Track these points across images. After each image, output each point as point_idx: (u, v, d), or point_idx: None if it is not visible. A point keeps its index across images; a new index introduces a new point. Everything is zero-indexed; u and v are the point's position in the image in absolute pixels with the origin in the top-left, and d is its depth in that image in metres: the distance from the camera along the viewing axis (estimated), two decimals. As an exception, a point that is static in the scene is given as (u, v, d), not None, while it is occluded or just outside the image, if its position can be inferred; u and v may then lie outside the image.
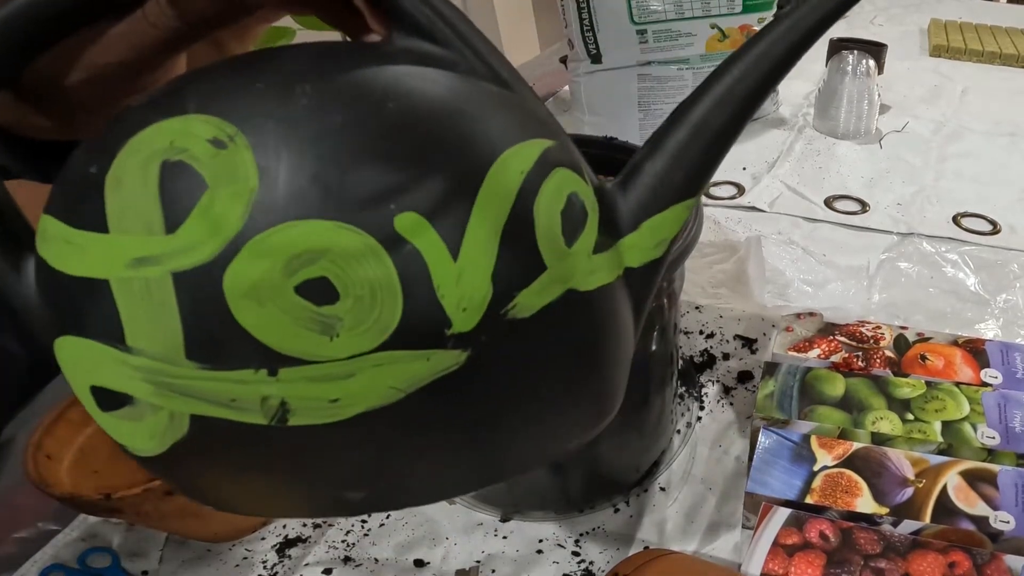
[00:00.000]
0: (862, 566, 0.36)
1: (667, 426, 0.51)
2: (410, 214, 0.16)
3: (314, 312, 0.15)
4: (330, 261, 0.15)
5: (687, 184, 0.22)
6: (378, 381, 0.16)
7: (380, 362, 0.16)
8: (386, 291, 0.16)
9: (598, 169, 0.53)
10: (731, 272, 0.69)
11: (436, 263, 0.16)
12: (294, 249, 0.15)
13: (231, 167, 0.16)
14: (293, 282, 0.15)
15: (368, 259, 0.16)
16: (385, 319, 0.16)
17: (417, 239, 0.16)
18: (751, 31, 0.91)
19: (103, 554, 0.47)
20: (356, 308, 0.16)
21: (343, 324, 0.16)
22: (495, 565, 0.45)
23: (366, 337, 0.16)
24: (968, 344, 0.50)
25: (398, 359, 0.16)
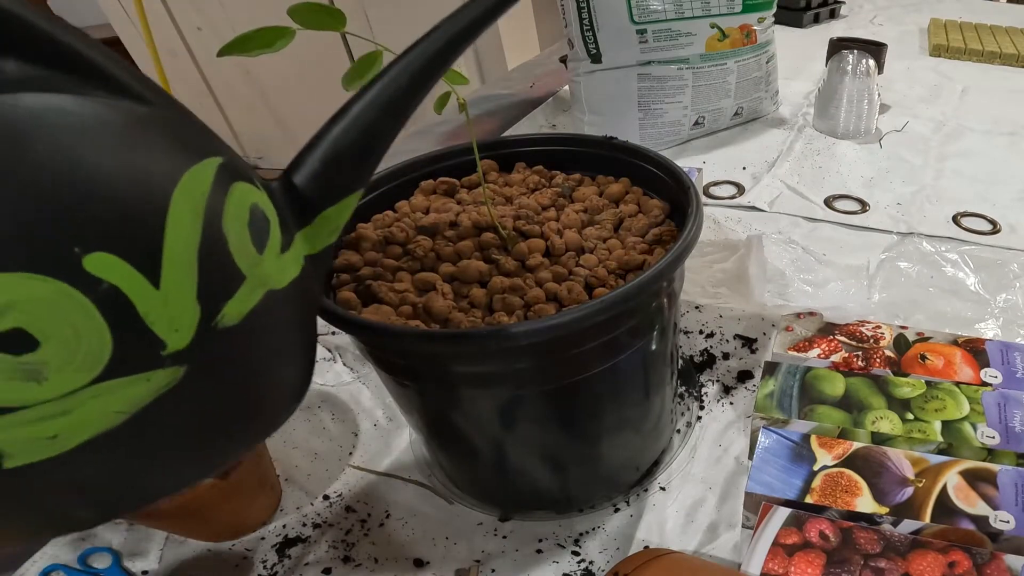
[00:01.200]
0: (862, 566, 0.36)
1: (667, 426, 0.51)
2: (99, 254, 0.16)
3: (15, 362, 0.15)
4: (21, 312, 0.15)
5: (353, 182, 0.24)
6: (100, 409, 0.16)
7: (99, 393, 0.16)
8: (90, 329, 0.16)
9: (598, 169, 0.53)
10: (731, 271, 0.69)
11: (138, 294, 0.16)
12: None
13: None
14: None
15: (63, 303, 0.16)
16: (95, 354, 0.16)
17: (112, 276, 0.16)
18: (751, 30, 0.91)
19: (103, 554, 0.47)
20: (61, 350, 0.16)
21: (50, 367, 0.16)
22: (495, 565, 0.45)
23: (78, 374, 0.16)
24: (968, 344, 0.50)
25: (117, 387, 0.16)
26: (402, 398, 0.44)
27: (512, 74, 1.34)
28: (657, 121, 0.91)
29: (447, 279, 0.40)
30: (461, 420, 0.43)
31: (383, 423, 0.56)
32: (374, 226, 0.45)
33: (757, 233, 0.74)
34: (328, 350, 0.63)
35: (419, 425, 0.46)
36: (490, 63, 2.65)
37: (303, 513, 0.49)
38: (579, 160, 0.50)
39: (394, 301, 0.39)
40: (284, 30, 0.30)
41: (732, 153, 0.94)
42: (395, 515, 0.49)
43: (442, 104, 0.38)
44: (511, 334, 0.34)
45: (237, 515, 0.47)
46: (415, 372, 0.39)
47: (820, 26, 1.44)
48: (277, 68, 2.33)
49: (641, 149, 0.47)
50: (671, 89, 0.89)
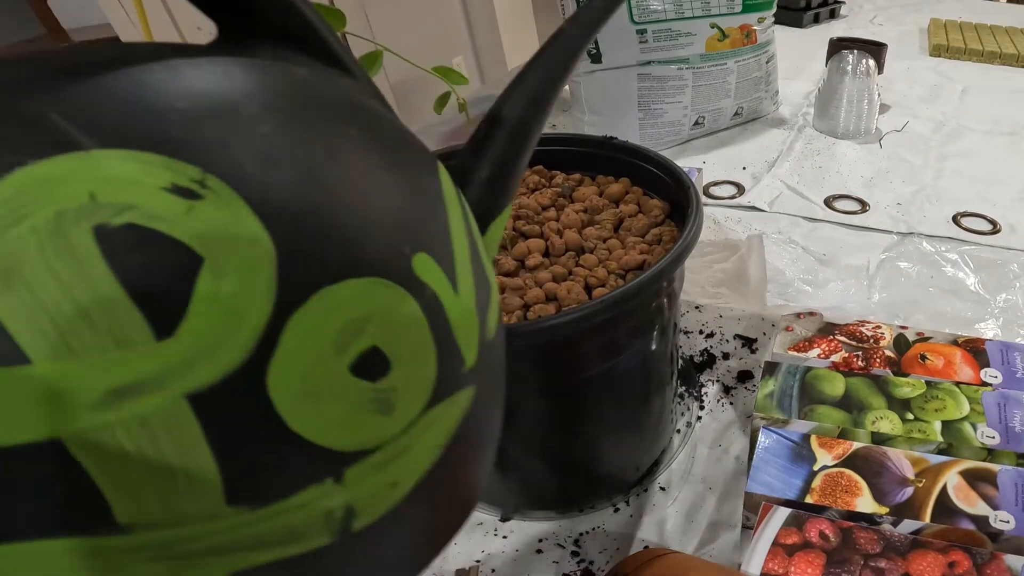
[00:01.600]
0: (862, 566, 0.36)
1: (667, 426, 0.51)
2: (421, 254, 0.14)
3: (373, 391, 0.13)
4: (376, 325, 0.13)
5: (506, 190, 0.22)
6: (426, 444, 0.14)
7: (430, 422, 0.14)
8: (424, 342, 0.14)
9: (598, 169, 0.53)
10: (731, 271, 0.69)
11: (448, 301, 0.15)
12: (340, 320, 0.12)
13: (223, 225, 0.11)
14: (346, 360, 0.12)
15: (406, 312, 0.14)
16: (428, 374, 0.14)
17: (430, 278, 0.14)
18: (751, 30, 0.91)
19: (103, 554, 0.47)
20: (407, 371, 0.14)
21: (397, 394, 0.13)
22: (495, 565, 0.45)
23: (416, 401, 0.14)
24: (968, 344, 0.50)
25: (440, 413, 0.14)
26: (402, 398, 0.44)
27: (512, 74, 1.34)
28: (657, 121, 0.91)
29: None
30: (461, 420, 0.43)
31: (383, 423, 0.56)
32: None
33: (757, 233, 0.74)
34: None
35: (419, 425, 0.46)
36: (490, 63, 2.66)
37: (303, 513, 0.49)
38: (579, 160, 0.50)
39: (394, 301, 0.39)
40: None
41: (732, 153, 0.94)
42: (395, 515, 0.49)
43: (442, 104, 0.38)
44: (511, 335, 0.34)
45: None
46: (415, 372, 0.39)
47: (820, 26, 1.44)
48: (277, 68, 2.32)
49: (641, 149, 0.47)
50: (671, 89, 0.89)
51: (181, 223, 0.11)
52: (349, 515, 0.13)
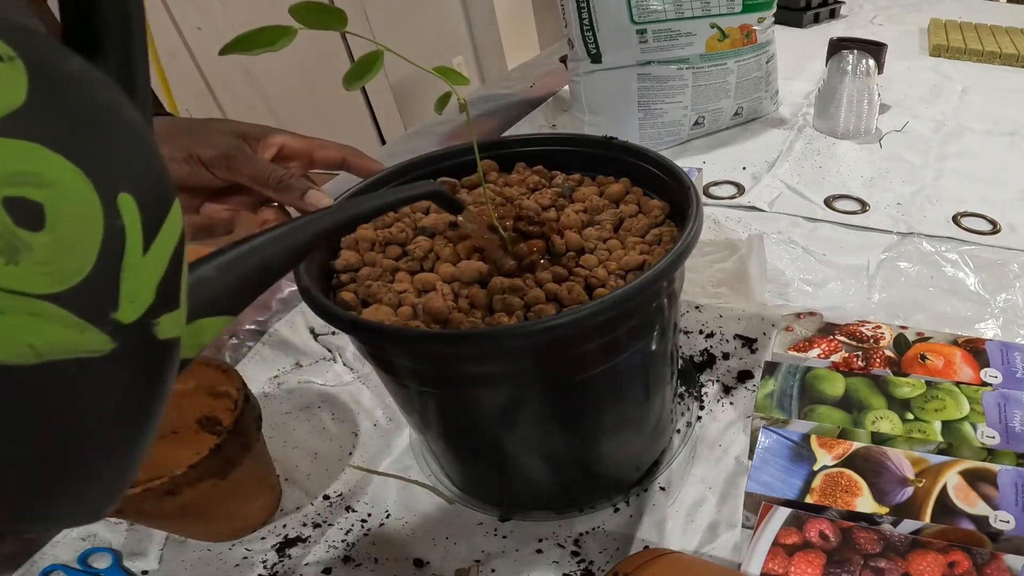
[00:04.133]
0: (862, 566, 0.36)
1: (667, 426, 0.51)
2: (129, 196, 0.17)
3: (9, 229, 0.14)
4: (56, 195, 0.15)
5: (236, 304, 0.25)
6: (21, 331, 0.15)
7: (37, 311, 0.15)
8: (86, 247, 0.16)
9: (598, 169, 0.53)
10: (731, 271, 0.69)
11: (131, 247, 0.17)
12: (34, 166, 0.15)
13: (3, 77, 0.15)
14: (6, 192, 0.14)
15: (89, 211, 0.16)
16: (71, 272, 0.15)
17: (128, 219, 0.17)
18: (751, 30, 0.91)
19: (103, 554, 0.47)
20: (53, 246, 0.15)
21: (31, 255, 0.15)
22: (495, 565, 0.45)
23: (43, 279, 0.15)
24: (968, 344, 0.50)
25: (56, 317, 0.15)
26: (402, 398, 0.44)
27: (512, 74, 1.34)
28: (657, 121, 0.91)
29: (447, 280, 0.40)
30: (461, 420, 0.43)
31: (383, 423, 0.56)
32: (374, 226, 0.45)
33: (757, 233, 0.74)
34: (328, 350, 0.63)
35: (419, 425, 0.46)
36: (490, 63, 2.66)
37: (303, 513, 0.49)
38: (579, 160, 0.50)
39: (393, 302, 0.39)
40: (285, 29, 0.30)
41: (732, 153, 0.94)
42: (395, 515, 0.49)
43: (442, 104, 0.38)
44: (511, 334, 0.34)
45: (237, 515, 0.47)
46: (414, 373, 0.39)
47: (820, 26, 1.44)
48: (277, 68, 2.33)
49: (641, 149, 0.47)
50: (671, 89, 0.89)
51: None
52: None
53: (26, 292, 0.15)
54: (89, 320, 0.16)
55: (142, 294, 0.17)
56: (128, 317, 0.17)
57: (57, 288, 0.15)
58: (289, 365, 0.62)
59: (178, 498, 0.40)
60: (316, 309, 0.36)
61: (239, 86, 2.40)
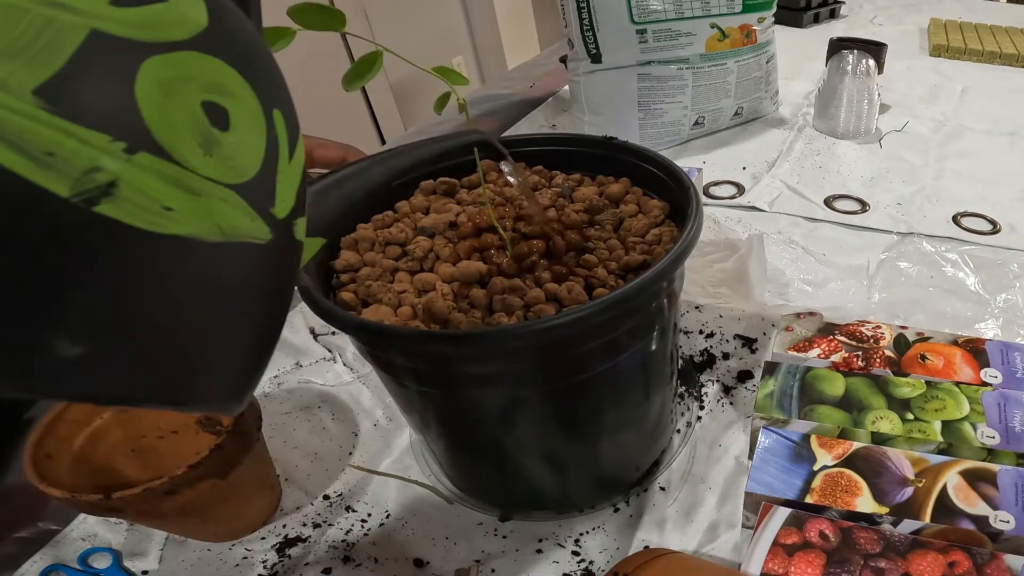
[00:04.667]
0: (862, 566, 0.36)
1: (667, 426, 0.51)
2: (279, 112, 0.19)
3: (206, 127, 0.17)
4: (239, 104, 0.18)
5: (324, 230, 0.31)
6: (212, 213, 0.17)
7: (225, 198, 0.17)
8: (256, 149, 0.18)
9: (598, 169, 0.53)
10: (731, 271, 0.69)
11: (282, 155, 0.19)
12: (221, 78, 0.17)
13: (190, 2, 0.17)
14: (206, 96, 0.17)
15: (257, 120, 0.18)
16: (247, 167, 0.18)
17: (280, 131, 0.19)
18: (751, 30, 0.91)
19: (103, 554, 0.47)
20: (236, 145, 0.17)
21: (220, 150, 0.17)
22: (495, 565, 0.45)
23: (230, 172, 0.17)
24: (968, 344, 0.50)
25: (236, 204, 0.18)
26: (402, 398, 0.44)
27: (512, 74, 1.34)
28: (657, 121, 0.91)
29: (447, 280, 0.40)
30: (461, 420, 0.43)
31: (383, 423, 0.56)
32: (374, 226, 0.45)
33: (757, 233, 0.74)
34: (328, 350, 0.63)
35: (419, 425, 0.46)
36: (490, 63, 2.65)
37: (303, 513, 0.49)
38: (579, 160, 0.50)
39: (393, 302, 0.39)
40: (284, 30, 0.30)
41: (732, 153, 0.94)
42: (395, 515, 0.49)
43: (442, 104, 0.38)
44: (511, 335, 0.34)
45: (237, 515, 0.47)
46: (415, 373, 0.39)
47: (820, 26, 1.44)
48: (277, 68, 2.32)
49: (641, 149, 0.47)
50: (671, 89, 0.89)
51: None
52: (107, 188, 0.15)
53: (218, 180, 0.17)
54: (257, 210, 0.18)
55: (288, 196, 0.20)
56: (281, 213, 0.19)
57: (238, 180, 0.18)
58: (289, 365, 0.62)
59: (178, 498, 0.40)
60: (316, 309, 0.36)
61: (239, 86, 2.39)
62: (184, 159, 0.16)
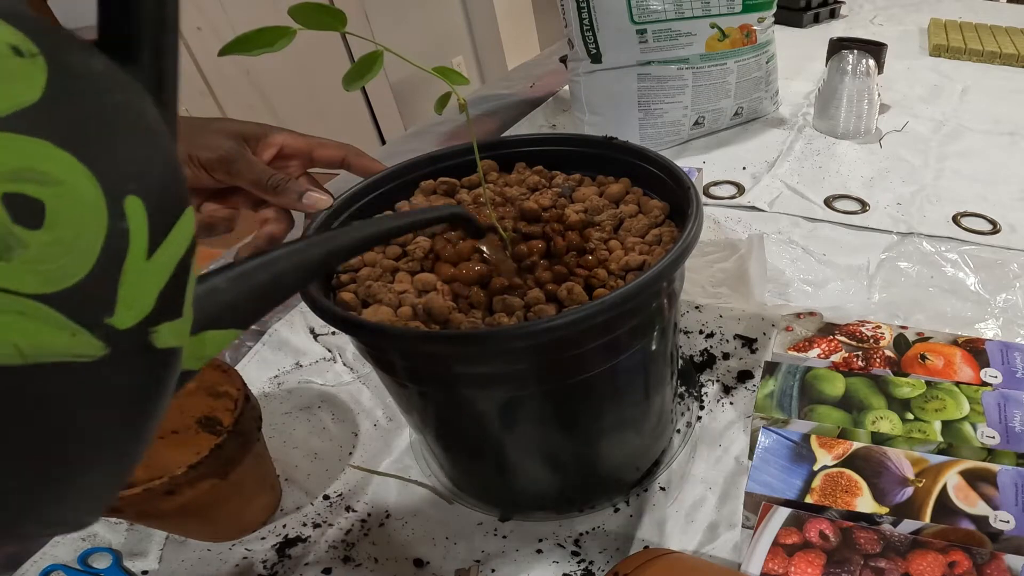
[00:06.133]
0: (862, 566, 0.36)
1: (667, 426, 0.51)
2: (137, 199, 0.16)
3: (6, 225, 0.14)
4: (59, 193, 0.15)
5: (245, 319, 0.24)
6: (7, 330, 0.14)
7: (26, 311, 0.15)
8: (86, 249, 0.15)
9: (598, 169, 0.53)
10: (731, 271, 0.69)
11: (134, 252, 0.16)
12: (40, 163, 0.14)
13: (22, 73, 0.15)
14: (8, 188, 0.14)
15: (92, 212, 0.15)
16: (66, 273, 0.15)
17: (133, 222, 0.16)
18: (751, 30, 0.91)
19: (103, 554, 0.47)
20: (50, 247, 0.15)
21: (25, 254, 0.14)
22: (495, 565, 0.45)
23: (36, 279, 0.15)
24: (968, 344, 0.50)
25: (46, 318, 0.15)
26: (402, 398, 0.44)
27: (512, 74, 1.34)
28: (657, 121, 0.91)
29: (447, 280, 0.40)
30: (461, 420, 0.43)
31: (383, 423, 0.56)
32: (374, 226, 0.45)
33: (757, 233, 0.74)
34: (328, 350, 0.63)
35: (419, 425, 0.46)
36: (490, 63, 2.65)
37: (303, 513, 0.49)
38: (579, 160, 0.50)
39: (393, 302, 0.39)
40: (285, 30, 0.30)
41: (732, 153, 0.94)
42: (395, 515, 0.49)
43: (442, 104, 0.38)
44: (511, 335, 0.34)
45: (237, 515, 0.47)
46: (415, 373, 0.39)
47: (820, 26, 1.44)
48: (277, 68, 2.33)
49: (641, 149, 0.47)
50: (671, 89, 0.89)
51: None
52: None
53: (15, 291, 0.14)
54: (81, 323, 0.15)
55: (141, 300, 0.17)
56: (124, 323, 0.16)
57: (50, 289, 0.15)
58: (289, 365, 0.62)
59: (178, 498, 0.40)
60: (316, 309, 0.36)
61: (239, 86, 2.40)
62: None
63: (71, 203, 0.15)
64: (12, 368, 0.14)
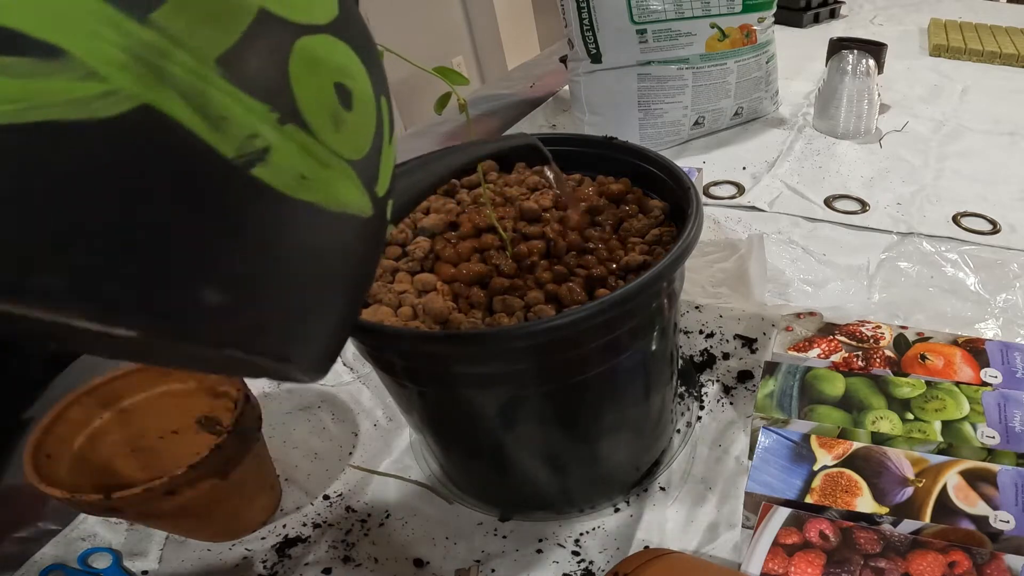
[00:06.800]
0: (862, 566, 0.36)
1: (667, 426, 0.51)
2: (384, 98, 0.21)
3: (336, 105, 0.18)
4: (359, 87, 0.19)
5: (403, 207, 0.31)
6: (335, 184, 0.19)
7: (345, 172, 0.19)
8: (369, 129, 0.20)
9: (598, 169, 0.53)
10: (731, 271, 0.69)
11: (385, 137, 0.21)
12: (348, 62, 0.19)
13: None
14: (338, 78, 0.19)
15: (370, 102, 0.20)
16: (362, 146, 0.20)
17: (384, 116, 0.21)
18: (751, 30, 0.91)
19: (103, 554, 0.47)
20: (356, 124, 0.19)
21: (346, 127, 0.19)
22: (495, 565, 0.45)
23: (350, 148, 0.19)
24: (968, 344, 0.50)
25: (352, 179, 0.19)
26: (402, 399, 0.44)
27: (512, 74, 1.34)
28: (657, 121, 0.91)
29: (447, 280, 0.40)
30: (461, 421, 0.43)
31: (383, 423, 0.56)
32: (374, 226, 0.45)
33: (757, 233, 0.74)
34: (328, 350, 0.63)
35: (419, 425, 0.46)
36: (490, 63, 2.65)
37: (303, 513, 0.49)
38: (579, 160, 0.50)
39: (393, 302, 0.39)
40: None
41: (732, 153, 0.94)
42: (395, 515, 0.49)
43: (442, 104, 0.38)
44: (511, 335, 0.34)
45: (237, 515, 0.47)
46: (415, 373, 0.39)
47: (820, 26, 1.44)
48: (277, 68, 2.32)
49: (641, 149, 0.47)
50: (671, 89, 0.89)
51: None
52: (262, 154, 0.17)
53: (341, 155, 0.19)
54: (366, 187, 0.20)
55: (386, 176, 0.21)
56: (381, 192, 0.21)
57: (355, 156, 0.19)
58: (289, 365, 0.62)
59: (178, 498, 0.40)
60: (316, 309, 0.36)
61: (239, 86, 2.39)
62: (320, 133, 0.18)
63: (363, 94, 0.20)
64: (332, 213, 0.19)
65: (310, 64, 0.17)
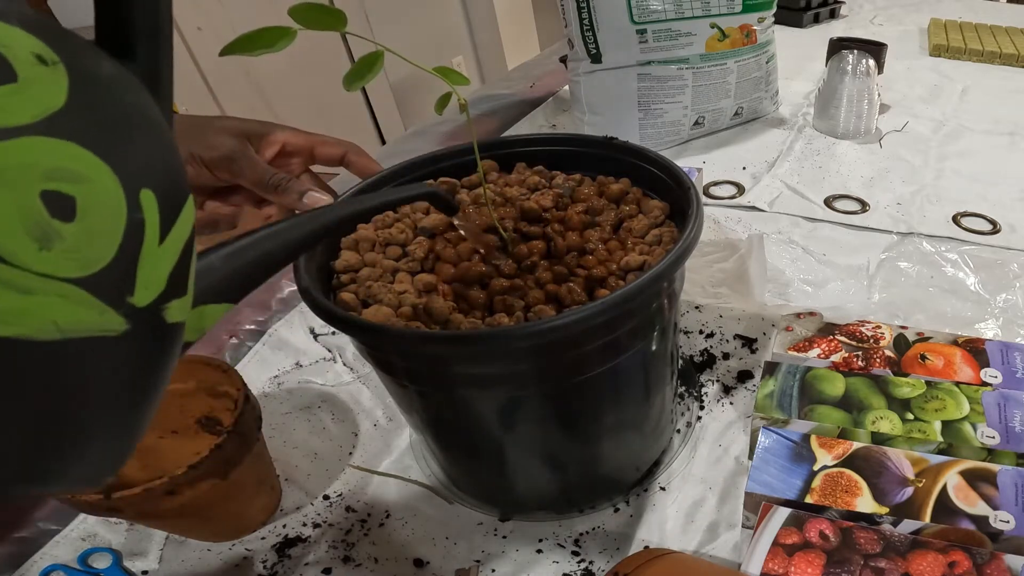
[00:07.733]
0: (862, 566, 0.36)
1: (667, 426, 0.51)
2: (150, 192, 0.18)
3: (44, 219, 0.16)
4: (91, 189, 0.17)
5: (237, 292, 0.26)
6: (49, 311, 0.16)
7: (64, 294, 0.16)
8: (110, 237, 0.17)
9: (598, 169, 0.53)
10: (731, 271, 0.69)
11: (149, 238, 0.18)
12: (70, 163, 0.16)
13: (48, 80, 0.16)
14: (47, 186, 0.16)
15: (114, 205, 0.17)
16: (96, 259, 0.17)
17: (148, 213, 0.18)
18: (751, 30, 0.91)
19: (103, 554, 0.47)
20: (82, 236, 0.16)
21: (62, 243, 0.16)
22: (495, 565, 0.45)
23: (71, 265, 0.16)
24: (968, 344, 0.50)
25: (81, 299, 0.17)
26: (402, 399, 0.44)
27: (512, 74, 1.34)
28: (657, 121, 0.91)
29: (447, 280, 0.40)
30: (461, 421, 0.43)
31: (383, 423, 0.56)
32: (374, 227, 0.45)
33: (757, 233, 0.74)
34: (328, 350, 0.63)
35: (419, 425, 0.46)
36: (490, 63, 2.65)
37: (303, 513, 0.49)
38: (579, 160, 0.50)
39: (394, 302, 0.39)
40: (285, 30, 0.30)
41: (732, 153, 0.94)
42: (395, 515, 0.49)
43: (443, 104, 0.38)
44: (511, 335, 0.34)
45: (237, 515, 0.47)
46: (415, 373, 0.39)
47: (820, 26, 1.44)
48: (277, 68, 2.33)
49: (641, 149, 0.47)
50: (671, 89, 0.89)
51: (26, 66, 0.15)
52: None
53: (55, 276, 0.16)
54: (108, 303, 0.17)
55: (156, 281, 0.19)
56: (142, 301, 0.18)
57: (83, 273, 0.17)
58: (289, 365, 0.62)
59: (178, 498, 0.40)
60: (316, 309, 0.36)
61: (239, 86, 2.40)
62: (13, 257, 0.15)
63: (97, 198, 0.17)
64: (49, 342, 0.16)
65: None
